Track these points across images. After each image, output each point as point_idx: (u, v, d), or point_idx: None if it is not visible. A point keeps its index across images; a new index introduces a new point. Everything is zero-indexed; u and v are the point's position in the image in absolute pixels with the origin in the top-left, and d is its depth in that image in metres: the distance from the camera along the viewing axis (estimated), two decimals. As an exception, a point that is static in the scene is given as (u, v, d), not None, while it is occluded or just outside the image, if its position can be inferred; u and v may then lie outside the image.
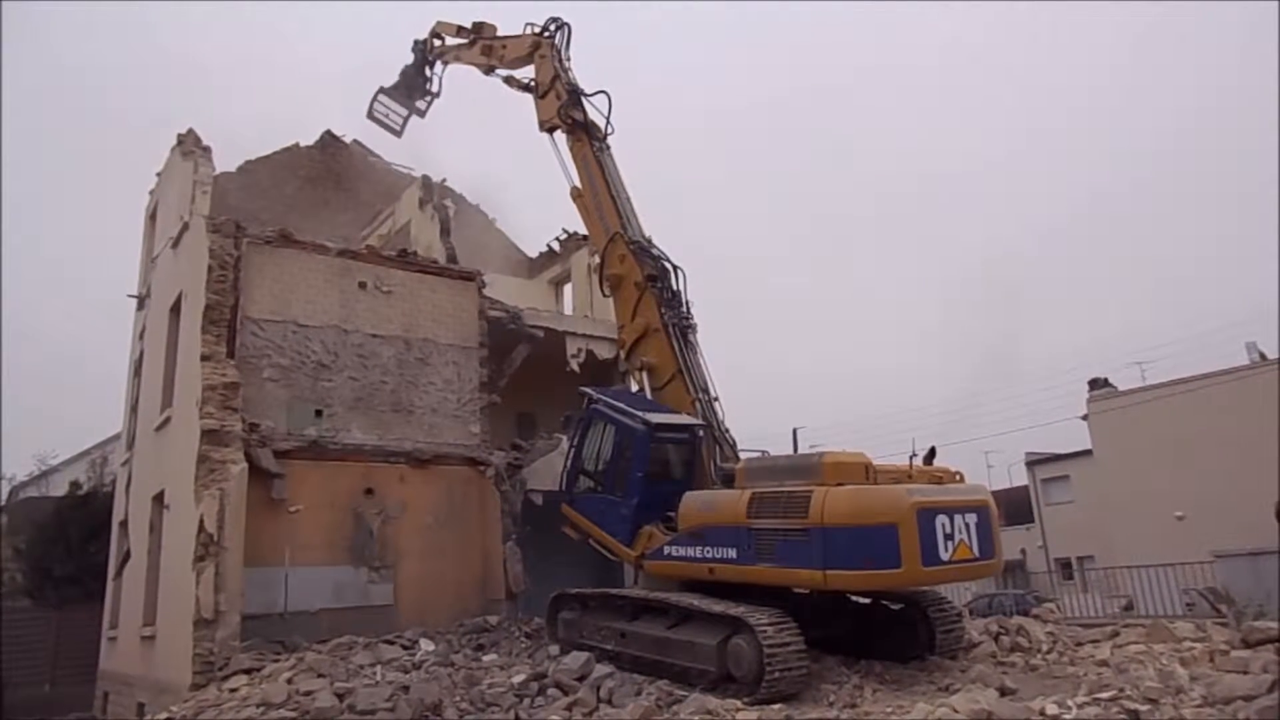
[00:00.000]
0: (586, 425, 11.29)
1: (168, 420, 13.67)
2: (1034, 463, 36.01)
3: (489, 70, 15.09)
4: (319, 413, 13.03)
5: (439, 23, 16.44)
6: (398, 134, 17.63)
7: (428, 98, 17.16)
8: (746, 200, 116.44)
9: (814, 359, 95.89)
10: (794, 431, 32.01)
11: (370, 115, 17.35)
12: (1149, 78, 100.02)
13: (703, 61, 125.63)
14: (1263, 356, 25.23)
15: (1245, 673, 7.12)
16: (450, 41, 16.24)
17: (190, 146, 14.99)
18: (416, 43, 16.74)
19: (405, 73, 17.01)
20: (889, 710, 7.26)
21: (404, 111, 17.32)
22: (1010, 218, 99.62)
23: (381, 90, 17.17)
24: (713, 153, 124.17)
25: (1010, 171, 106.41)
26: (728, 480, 9.70)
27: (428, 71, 16.86)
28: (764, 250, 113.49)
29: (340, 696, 8.56)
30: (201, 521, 11.01)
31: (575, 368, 16.54)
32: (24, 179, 79.38)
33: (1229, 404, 23.35)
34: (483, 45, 15.13)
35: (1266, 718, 5.91)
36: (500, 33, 14.98)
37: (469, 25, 15.67)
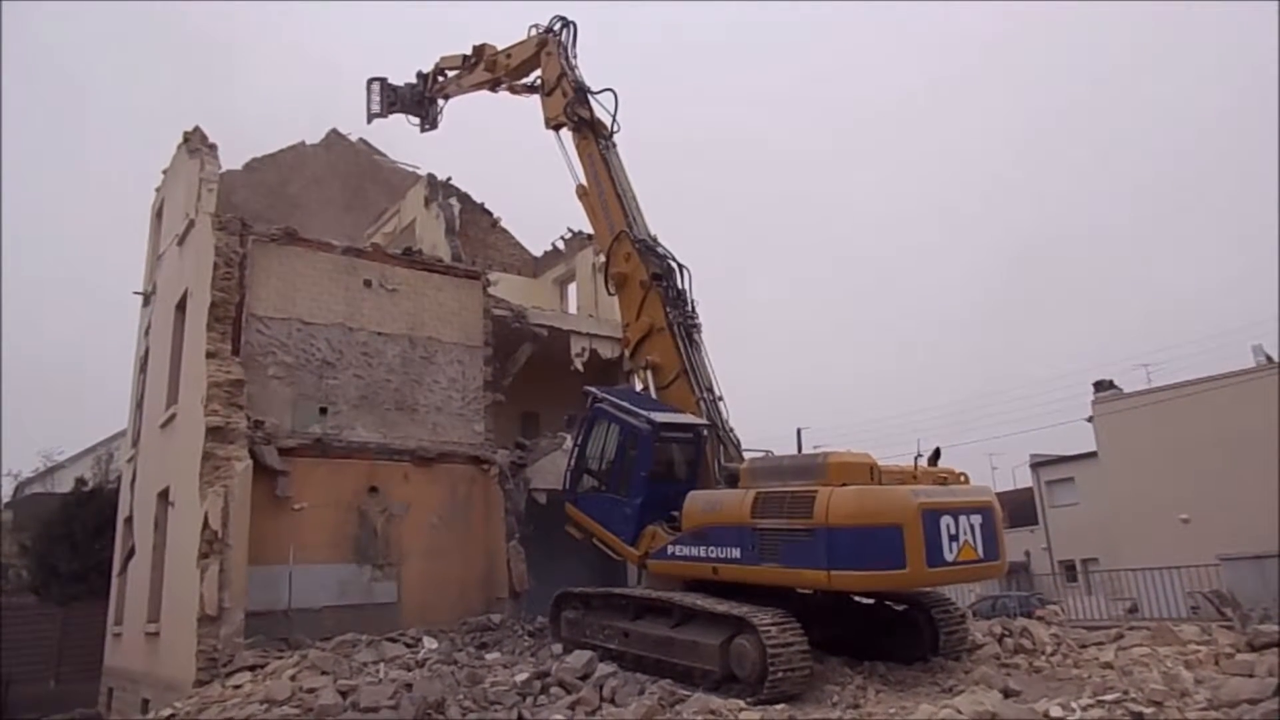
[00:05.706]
0: (590, 424, 11.28)
1: (173, 417, 13.71)
2: (1038, 464, 35.89)
3: (495, 86, 15.01)
4: (324, 410, 13.05)
5: (442, 58, 16.31)
6: (370, 118, 17.06)
7: (425, 126, 16.89)
8: (738, 210, 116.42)
9: (817, 362, 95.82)
10: (798, 432, 32.11)
11: (368, 86, 16.89)
12: (1159, 78, 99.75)
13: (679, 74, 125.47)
14: (1269, 359, 25.14)
15: (1250, 676, 7.10)
16: (452, 74, 16.10)
17: (196, 144, 15.00)
18: (419, 75, 16.61)
19: (405, 96, 16.74)
20: (892, 711, 7.24)
21: (386, 109, 16.89)
22: (1018, 220, 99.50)
23: (385, 83, 16.86)
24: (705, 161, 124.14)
25: (1020, 174, 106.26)
26: (732, 480, 9.70)
27: (428, 108, 16.65)
28: (762, 257, 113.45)
29: (344, 694, 8.57)
30: (206, 518, 11.04)
31: (579, 367, 16.53)
32: (28, 173, 79.68)
33: (1234, 407, 23.29)
34: (486, 62, 15.03)
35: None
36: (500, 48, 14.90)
37: (469, 52, 15.57)
